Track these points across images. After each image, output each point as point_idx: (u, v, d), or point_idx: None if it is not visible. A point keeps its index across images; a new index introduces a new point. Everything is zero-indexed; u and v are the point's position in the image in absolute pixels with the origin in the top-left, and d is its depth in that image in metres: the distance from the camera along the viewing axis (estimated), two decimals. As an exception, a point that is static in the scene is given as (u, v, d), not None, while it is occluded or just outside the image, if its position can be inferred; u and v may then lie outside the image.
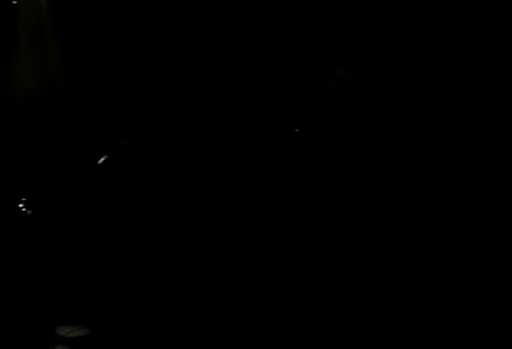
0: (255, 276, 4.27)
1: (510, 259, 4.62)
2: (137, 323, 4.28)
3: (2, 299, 4.08)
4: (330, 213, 4.79)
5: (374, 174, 5.13)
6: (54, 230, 4.95)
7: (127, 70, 6.43)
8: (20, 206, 5.04)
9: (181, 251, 4.80)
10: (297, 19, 5.75)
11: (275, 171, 4.43)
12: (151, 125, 6.23)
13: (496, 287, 4.48)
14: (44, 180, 5.27)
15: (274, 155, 4.91)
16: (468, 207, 4.88)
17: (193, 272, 4.60)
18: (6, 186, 5.13)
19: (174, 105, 6.27)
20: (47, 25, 6.15)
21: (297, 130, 4.66)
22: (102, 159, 5.33)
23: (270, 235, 4.16)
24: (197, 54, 6.15)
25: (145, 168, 5.56)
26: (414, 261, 4.69)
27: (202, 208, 4.95)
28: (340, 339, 4.17)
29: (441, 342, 4.22)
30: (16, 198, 5.13)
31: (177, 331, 4.22)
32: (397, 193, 5.08)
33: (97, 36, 6.29)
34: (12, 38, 6.24)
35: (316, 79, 5.63)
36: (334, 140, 5.21)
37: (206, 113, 5.82)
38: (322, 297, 4.35)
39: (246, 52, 5.92)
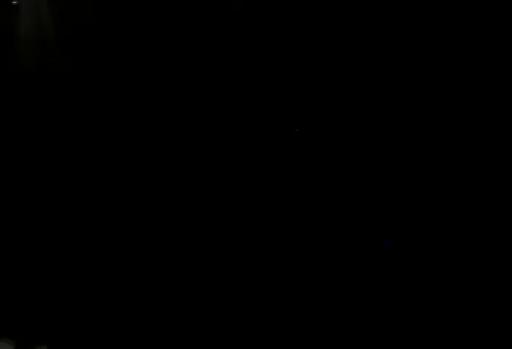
0: (255, 275, 4.29)
1: (508, 258, 4.65)
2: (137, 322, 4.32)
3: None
4: (329, 213, 4.80)
5: (373, 175, 5.14)
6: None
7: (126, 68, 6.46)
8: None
9: (182, 251, 4.84)
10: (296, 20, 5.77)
11: (275, 170, 4.45)
12: (152, 123, 6.26)
13: (493, 285, 4.50)
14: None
15: (274, 155, 4.92)
16: (466, 207, 4.90)
17: (194, 272, 4.63)
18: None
19: (175, 104, 6.29)
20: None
21: (297, 130, 4.66)
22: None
23: (269, 233, 4.18)
24: (196, 53, 6.16)
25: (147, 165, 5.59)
26: (411, 260, 4.73)
27: (203, 207, 4.96)
28: (340, 338, 4.19)
29: (439, 341, 4.24)
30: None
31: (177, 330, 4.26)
32: (395, 194, 5.10)
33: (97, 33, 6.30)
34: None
35: (316, 79, 5.65)
36: (333, 140, 5.22)
37: (207, 113, 5.84)
38: (321, 296, 4.37)
39: (246, 52, 5.93)
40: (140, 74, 6.03)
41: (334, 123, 5.40)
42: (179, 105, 6.19)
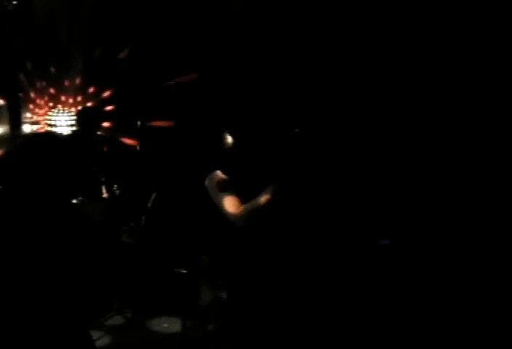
0: (253, 273, 4.31)
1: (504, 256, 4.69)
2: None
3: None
4: (329, 213, 4.83)
5: (372, 176, 5.17)
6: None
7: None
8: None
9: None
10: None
11: (275, 170, 4.47)
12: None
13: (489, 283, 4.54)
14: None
15: (274, 155, 4.92)
16: (463, 208, 4.94)
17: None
18: None
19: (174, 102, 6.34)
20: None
21: (297, 130, 4.67)
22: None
23: (270, 235, 4.19)
24: (199, 52, 6.20)
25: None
26: (409, 259, 4.77)
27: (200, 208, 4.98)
28: (340, 338, 4.22)
29: (438, 340, 4.27)
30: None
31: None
32: (394, 194, 5.13)
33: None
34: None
35: (317, 80, 5.68)
36: (333, 141, 5.25)
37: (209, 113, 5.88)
38: (322, 296, 4.40)
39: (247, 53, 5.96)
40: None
41: (334, 123, 5.43)
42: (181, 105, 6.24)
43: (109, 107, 6.85)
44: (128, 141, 6.70)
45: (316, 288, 4.28)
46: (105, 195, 5.41)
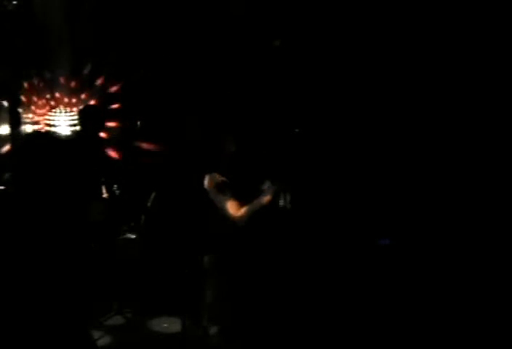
0: (254, 274, 4.31)
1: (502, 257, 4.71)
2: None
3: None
4: (330, 213, 4.85)
5: (372, 176, 5.19)
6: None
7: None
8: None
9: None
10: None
11: (274, 171, 4.49)
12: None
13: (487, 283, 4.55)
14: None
15: (274, 156, 4.94)
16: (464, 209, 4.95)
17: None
18: None
19: (176, 104, 6.34)
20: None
21: (297, 130, 4.69)
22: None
23: (270, 234, 4.21)
24: (197, 54, 6.20)
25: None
26: (409, 259, 4.79)
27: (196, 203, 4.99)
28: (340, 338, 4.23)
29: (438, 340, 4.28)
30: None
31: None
32: (394, 194, 5.15)
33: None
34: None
35: (317, 80, 5.69)
36: (333, 141, 5.26)
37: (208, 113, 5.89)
38: (323, 292, 4.41)
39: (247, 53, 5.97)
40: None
41: (334, 123, 5.44)
42: (180, 106, 6.24)
43: (114, 106, 6.82)
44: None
45: (317, 287, 4.28)
46: (105, 195, 5.40)
